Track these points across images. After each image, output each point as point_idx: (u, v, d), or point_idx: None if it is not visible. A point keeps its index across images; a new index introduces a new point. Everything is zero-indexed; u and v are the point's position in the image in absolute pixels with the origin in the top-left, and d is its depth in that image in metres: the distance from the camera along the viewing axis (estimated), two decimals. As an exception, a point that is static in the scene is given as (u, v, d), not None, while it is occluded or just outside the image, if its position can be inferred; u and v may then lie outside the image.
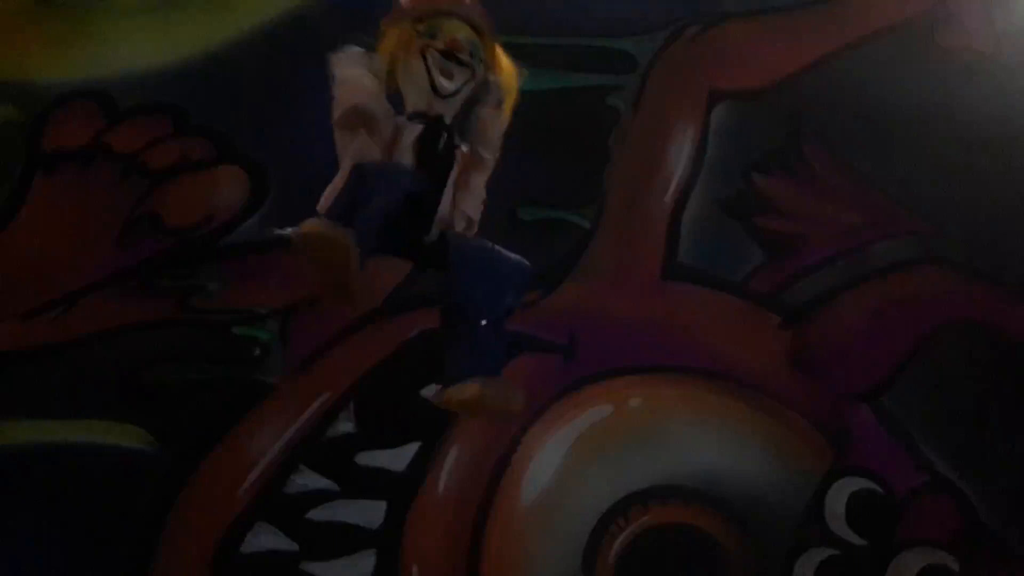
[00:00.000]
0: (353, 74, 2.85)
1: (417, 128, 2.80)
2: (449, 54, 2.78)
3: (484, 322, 2.80)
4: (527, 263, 2.87)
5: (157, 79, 5.56)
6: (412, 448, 5.41)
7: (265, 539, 5.32)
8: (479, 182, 2.87)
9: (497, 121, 2.82)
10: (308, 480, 5.37)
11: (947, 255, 5.72)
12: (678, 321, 5.59)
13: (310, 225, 2.67)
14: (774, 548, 5.49)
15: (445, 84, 2.77)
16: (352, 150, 2.81)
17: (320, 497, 5.36)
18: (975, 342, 5.66)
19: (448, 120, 2.84)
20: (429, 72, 2.78)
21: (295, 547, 5.33)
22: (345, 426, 5.41)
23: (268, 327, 5.46)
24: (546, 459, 5.41)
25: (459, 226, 2.86)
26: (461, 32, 2.79)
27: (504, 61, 2.89)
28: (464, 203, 2.85)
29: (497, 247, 2.88)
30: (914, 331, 5.66)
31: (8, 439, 5.31)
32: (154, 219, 5.50)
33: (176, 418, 5.36)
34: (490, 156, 2.85)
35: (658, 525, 5.46)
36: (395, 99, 2.94)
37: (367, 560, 5.35)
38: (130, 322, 5.41)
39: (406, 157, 2.76)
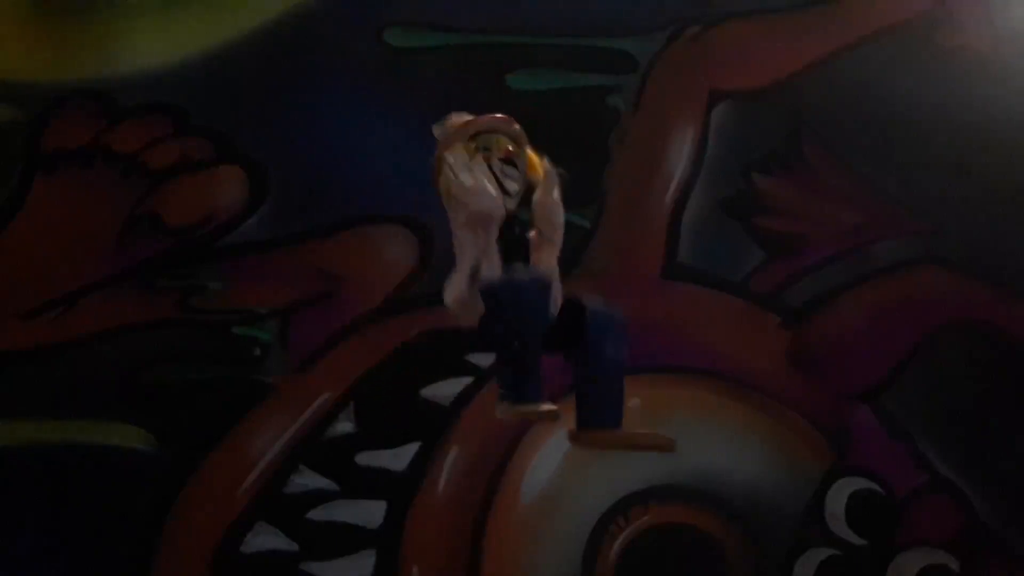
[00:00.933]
0: (475, 177, 3.15)
1: (498, 227, 3.20)
2: (508, 162, 3.20)
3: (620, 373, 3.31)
4: (621, 313, 3.35)
5: (157, 79, 5.56)
6: (412, 448, 5.41)
7: (265, 539, 5.32)
8: (552, 260, 3.28)
9: (559, 206, 3.24)
10: (308, 480, 5.37)
11: (947, 255, 5.72)
12: (678, 321, 5.59)
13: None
14: (774, 548, 5.49)
15: (512, 185, 3.19)
16: (477, 251, 3.13)
17: (320, 497, 5.36)
18: (975, 342, 5.66)
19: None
20: (497, 178, 3.17)
21: (295, 547, 5.33)
22: (345, 426, 5.41)
23: (268, 327, 5.47)
24: (546, 459, 5.41)
25: (560, 300, 3.28)
26: (507, 144, 3.22)
27: (538, 163, 3.29)
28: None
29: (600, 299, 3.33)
30: (914, 331, 5.66)
31: (8, 439, 5.31)
32: (154, 219, 5.50)
33: (176, 418, 5.36)
34: (558, 236, 3.27)
35: (658, 525, 5.46)
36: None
37: (367, 560, 5.35)
38: (130, 322, 5.41)
39: (495, 253, 3.19)
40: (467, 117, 3.31)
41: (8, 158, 5.51)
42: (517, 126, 3.27)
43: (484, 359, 5.41)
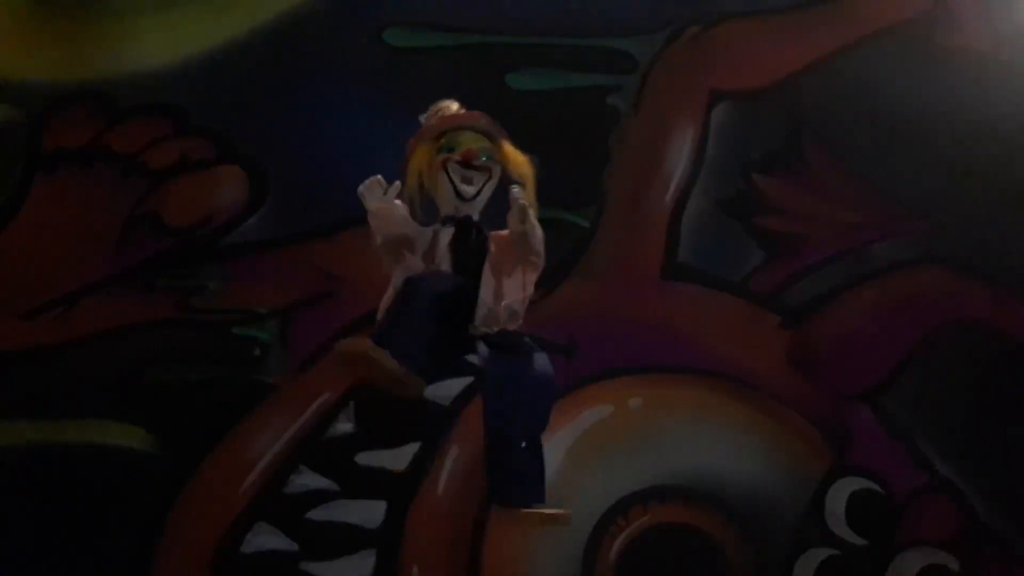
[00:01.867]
0: (381, 205, 3.25)
1: (450, 231, 3.23)
2: (466, 164, 3.18)
3: (523, 444, 3.20)
4: (551, 375, 3.25)
5: (157, 79, 5.56)
6: (412, 448, 5.41)
7: (265, 539, 5.33)
8: (529, 280, 3.27)
9: (535, 231, 3.19)
10: (308, 480, 5.37)
11: (947, 255, 5.72)
12: (678, 321, 5.59)
13: (343, 345, 3.10)
14: (774, 548, 5.49)
15: (466, 189, 3.19)
16: (400, 269, 3.22)
17: (320, 497, 5.36)
18: (975, 342, 5.66)
19: (476, 218, 3.27)
20: (452, 182, 3.19)
21: (295, 547, 5.33)
22: (345, 426, 5.41)
23: (268, 327, 5.47)
24: (546, 459, 5.40)
25: (503, 317, 3.22)
26: (475, 143, 3.20)
27: (516, 156, 3.27)
28: (511, 297, 3.24)
29: (526, 360, 3.24)
30: (914, 331, 5.66)
31: (8, 439, 5.31)
32: (154, 219, 5.50)
33: (176, 418, 5.36)
34: (537, 258, 3.25)
35: (658, 525, 5.46)
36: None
37: (367, 560, 5.35)
38: (130, 322, 5.41)
39: (444, 258, 3.21)
40: (454, 106, 3.33)
41: (8, 158, 5.51)
42: (484, 121, 3.27)
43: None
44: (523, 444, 3.21)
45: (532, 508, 3.25)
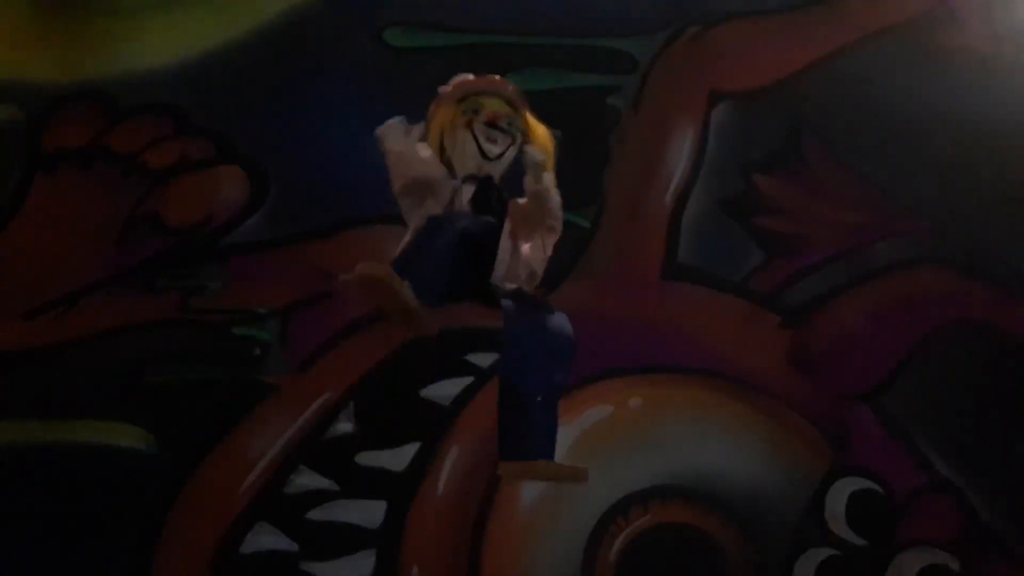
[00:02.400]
0: (406, 145, 3.19)
1: (471, 188, 3.18)
2: (492, 124, 3.19)
3: (539, 399, 3.13)
4: (571, 334, 3.18)
5: (157, 79, 5.56)
6: (412, 448, 5.41)
7: (265, 539, 5.33)
8: (548, 243, 3.24)
9: (551, 192, 3.18)
10: (308, 480, 5.37)
11: (947, 255, 5.72)
12: (678, 321, 5.59)
13: (360, 268, 2.92)
14: (774, 548, 5.49)
15: (491, 148, 3.17)
16: (419, 214, 3.12)
17: (320, 497, 5.36)
18: (975, 342, 5.66)
19: (496, 179, 3.24)
20: (477, 140, 3.18)
21: (295, 547, 5.33)
22: (345, 426, 5.41)
23: (268, 327, 5.47)
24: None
25: (522, 275, 3.17)
26: (499, 108, 3.22)
27: (539, 128, 3.28)
28: (531, 256, 3.20)
29: (546, 316, 3.17)
30: (914, 331, 5.65)
31: (8, 439, 5.31)
32: (154, 219, 5.50)
33: (176, 418, 5.36)
34: (555, 222, 3.23)
35: (658, 525, 5.46)
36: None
37: (367, 560, 5.35)
38: (130, 322, 5.42)
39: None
40: (471, 77, 3.35)
41: (8, 158, 5.51)
42: (512, 87, 3.28)
43: (484, 359, 5.41)
44: (538, 399, 3.14)
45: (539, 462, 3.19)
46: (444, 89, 3.32)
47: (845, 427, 5.59)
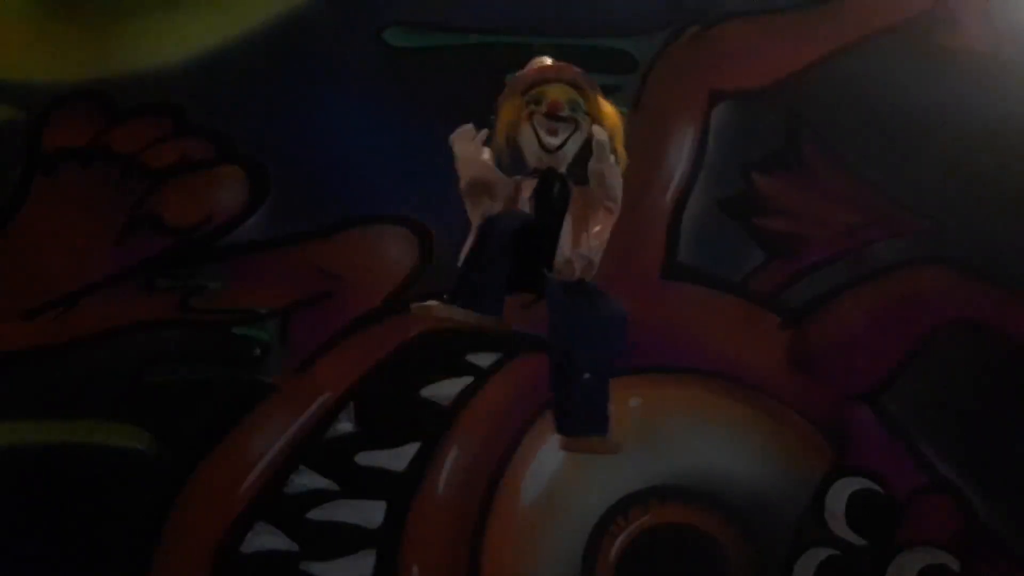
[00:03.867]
0: (468, 149, 3.29)
1: (533, 182, 3.28)
2: (552, 115, 3.24)
3: (587, 375, 3.22)
4: (624, 312, 3.36)
5: (157, 79, 5.56)
6: (412, 448, 5.41)
7: (265, 539, 5.32)
8: (605, 227, 3.37)
9: (613, 172, 3.24)
10: (308, 480, 5.37)
11: (947, 255, 5.71)
12: (678, 321, 5.59)
13: (414, 308, 3.21)
14: (774, 548, 5.49)
15: (550, 140, 3.24)
16: (479, 213, 3.27)
17: (320, 497, 5.36)
18: (975, 342, 5.66)
19: (562, 170, 3.32)
20: (536, 133, 3.25)
21: (295, 547, 5.33)
22: (345, 426, 5.41)
23: (268, 327, 5.47)
24: (546, 459, 5.41)
25: (578, 265, 3.32)
26: (562, 95, 3.25)
27: (607, 108, 3.32)
28: (586, 245, 3.34)
29: (598, 295, 3.35)
30: (914, 331, 5.65)
31: (8, 439, 5.31)
32: (154, 219, 5.50)
33: (176, 418, 5.36)
34: (613, 204, 3.31)
35: (658, 525, 5.46)
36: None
37: (367, 560, 5.35)
38: (130, 322, 5.41)
39: (525, 208, 3.27)
40: (548, 60, 3.42)
41: (8, 158, 5.51)
42: (573, 72, 3.30)
43: (484, 359, 5.41)
44: (586, 376, 3.22)
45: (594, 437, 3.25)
46: (511, 80, 3.41)
47: (845, 427, 5.59)
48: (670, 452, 5.50)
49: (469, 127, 3.31)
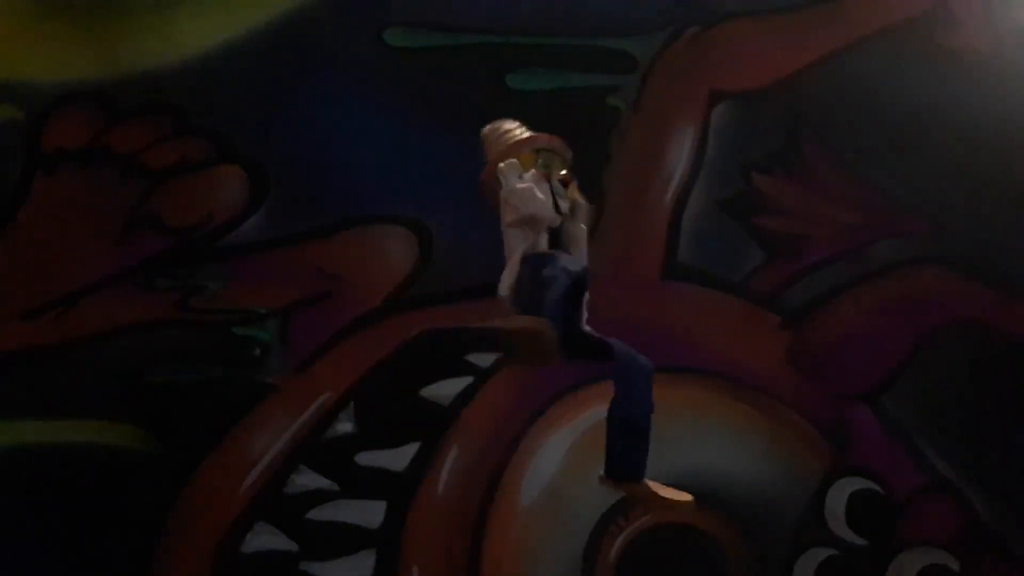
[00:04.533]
0: (525, 185, 3.39)
1: (546, 238, 3.44)
2: (564, 184, 3.45)
3: (644, 424, 3.59)
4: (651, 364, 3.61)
5: (157, 79, 5.56)
6: (412, 448, 5.41)
7: (265, 539, 5.33)
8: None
9: (585, 235, 3.52)
10: (308, 480, 5.37)
11: (947, 255, 5.72)
12: (678, 321, 5.59)
13: (520, 322, 3.25)
14: (774, 548, 5.49)
15: (564, 206, 3.43)
16: (527, 246, 3.38)
17: (320, 497, 5.36)
18: (975, 342, 5.66)
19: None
20: (553, 195, 3.42)
21: (295, 547, 5.33)
22: (345, 426, 5.41)
23: (268, 327, 5.47)
24: (546, 459, 5.42)
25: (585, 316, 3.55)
26: (564, 168, 3.48)
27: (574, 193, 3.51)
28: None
29: (631, 351, 3.62)
30: (914, 331, 5.66)
31: (8, 439, 5.31)
32: (154, 219, 5.50)
33: (176, 418, 5.36)
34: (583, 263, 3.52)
35: (658, 525, 5.46)
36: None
37: (367, 560, 5.35)
38: (130, 322, 5.42)
39: None
40: (512, 125, 3.56)
41: (8, 158, 5.51)
42: (570, 153, 3.53)
43: (484, 359, 5.41)
44: (644, 425, 3.60)
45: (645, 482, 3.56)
46: (499, 131, 3.55)
47: (845, 427, 5.59)
48: (670, 452, 5.48)
49: (515, 162, 3.43)
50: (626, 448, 3.54)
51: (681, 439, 5.49)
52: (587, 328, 3.55)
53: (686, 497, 3.57)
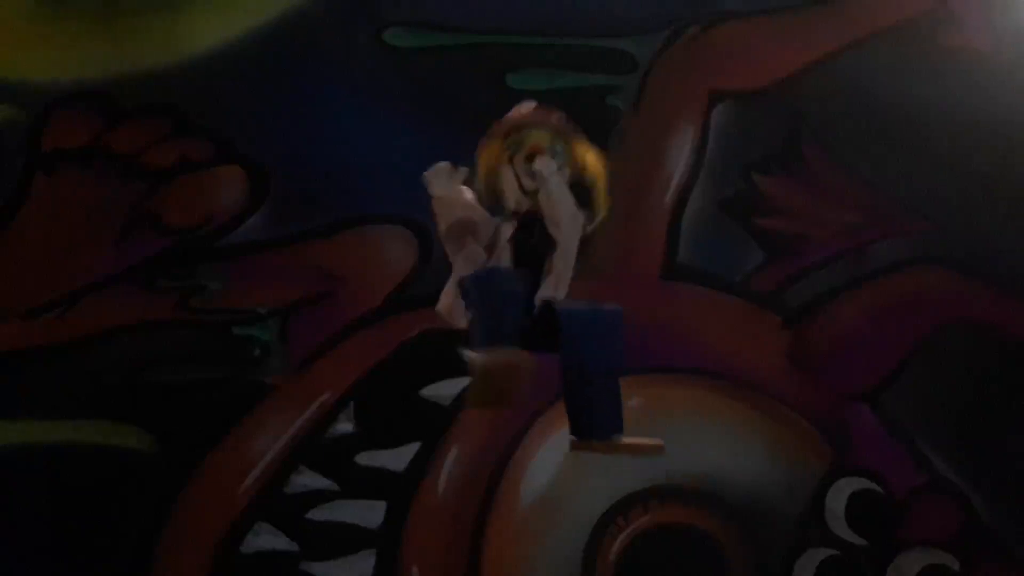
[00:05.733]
0: (448, 189, 3.19)
1: (512, 225, 3.19)
2: (531, 158, 3.16)
3: (600, 376, 3.19)
4: (616, 309, 3.26)
5: (157, 79, 5.56)
6: (412, 448, 5.42)
7: (265, 539, 5.33)
8: (560, 259, 3.27)
9: (551, 202, 3.19)
10: (308, 480, 5.38)
11: (947, 255, 5.72)
12: (678, 321, 5.59)
13: (493, 358, 3.09)
14: (774, 548, 5.49)
15: (530, 183, 3.16)
16: (463, 255, 3.17)
17: (320, 497, 5.36)
18: (975, 342, 5.66)
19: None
20: (517, 176, 3.17)
21: (295, 547, 5.33)
22: (345, 426, 5.41)
23: (268, 327, 5.47)
24: (546, 459, 5.41)
25: (545, 292, 3.22)
26: (544, 141, 3.19)
27: (589, 156, 3.31)
28: (551, 284, 3.25)
29: (590, 301, 3.26)
30: (914, 331, 5.66)
31: (8, 439, 5.31)
32: (154, 219, 5.50)
33: (176, 418, 5.36)
34: (556, 230, 3.23)
35: (658, 525, 5.46)
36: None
37: (367, 560, 5.35)
38: (130, 322, 5.42)
39: (504, 250, 3.18)
40: (532, 104, 3.31)
41: (8, 158, 5.51)
42: (555, 118, 3.26)
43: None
44: (598, 377, 3.20)
45: (615, 439, 3.22)
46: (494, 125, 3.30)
47: (845, 427, 5.59)
48: (670, 452, 5.46)
49: (445, 164, 3.20)
50: (587, 402, 3.21)
51: (681, 439, 5.49)
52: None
53: (656, 442, 3.28)
